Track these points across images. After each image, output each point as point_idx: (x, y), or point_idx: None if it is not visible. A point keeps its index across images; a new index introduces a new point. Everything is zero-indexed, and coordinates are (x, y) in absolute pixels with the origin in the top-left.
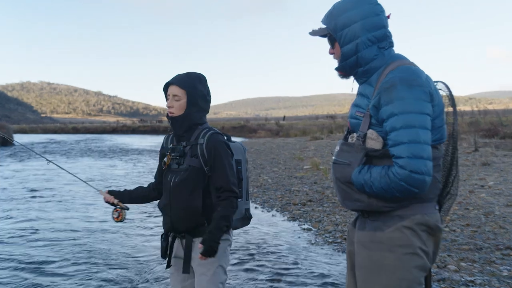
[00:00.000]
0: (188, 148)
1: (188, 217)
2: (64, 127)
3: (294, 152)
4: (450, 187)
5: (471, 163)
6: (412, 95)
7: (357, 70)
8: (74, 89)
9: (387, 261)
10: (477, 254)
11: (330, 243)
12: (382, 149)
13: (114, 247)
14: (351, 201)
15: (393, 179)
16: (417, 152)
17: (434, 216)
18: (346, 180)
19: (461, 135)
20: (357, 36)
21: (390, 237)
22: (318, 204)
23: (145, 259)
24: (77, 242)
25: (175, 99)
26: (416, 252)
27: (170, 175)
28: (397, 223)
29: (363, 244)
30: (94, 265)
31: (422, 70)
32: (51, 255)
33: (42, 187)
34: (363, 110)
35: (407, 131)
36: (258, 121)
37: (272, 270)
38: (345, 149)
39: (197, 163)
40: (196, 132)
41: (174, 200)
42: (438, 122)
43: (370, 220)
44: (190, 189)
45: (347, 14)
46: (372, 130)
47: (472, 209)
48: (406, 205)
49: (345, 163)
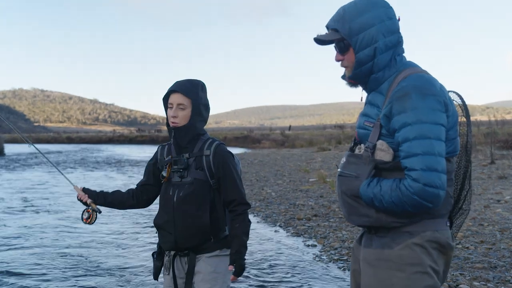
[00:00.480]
0: (192, 160)
1: (195, 234)
2: (57, 137)
3: (299, 164)
4: (462, 203)
5: (487, 176)
6: (426, 105)
7: (369, 78)
8: (68, 96)
9: (395, 280)
10: (491, 272)
11: (335, 261)
12: (392, 161)
13: (100, 258)
14: (357, 216)
15: (406, 193)
16: (431, 164)
17: (446, 233)
18: (353, 193)
19: (476, 147)
20: (375, 41)
21: (399, 255)
22: (324, 219)
23: (135, 271)
24: (66, 251)
25: (180, 108)
26: (427, 271)
27: (172, 189)
28: (406, 240)
29: (370, 262)
30: (81, 275)
31: (436, 78)
32: (38, 262)
33: (35, 197)
34: (373, 120)
35: (421, 142)
36: (262, 131)
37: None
38: (352, 161)
39: (202, 175)
40: (200, 143)
41: (178, 216)
42: (452, 134)
43: (377, 236)
44: (197, 204)
45: (363, 17)
46: (382, 141)
47: (487, 225)
48: (417, 221)
49: (352, 176)
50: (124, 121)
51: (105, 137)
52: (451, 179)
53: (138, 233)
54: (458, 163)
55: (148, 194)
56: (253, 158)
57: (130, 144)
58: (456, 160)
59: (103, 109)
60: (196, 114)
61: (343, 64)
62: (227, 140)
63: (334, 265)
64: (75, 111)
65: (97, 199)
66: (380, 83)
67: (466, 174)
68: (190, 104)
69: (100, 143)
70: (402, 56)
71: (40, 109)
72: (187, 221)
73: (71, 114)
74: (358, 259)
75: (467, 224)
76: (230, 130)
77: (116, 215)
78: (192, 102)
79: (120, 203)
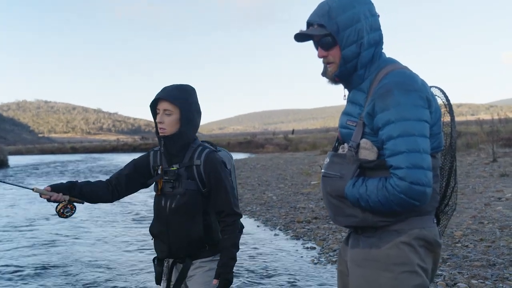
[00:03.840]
0: (182, 170)
1: (189, 243)
2: (62, 147)
3: (302, 167)
4: (448, 199)
5: (488, 174)
6: (409, 101)
7: (353, 75)
8: (72, 107)
9: (383, 280)
10: (489, 270)
11: (334, 262)
12: (376, 160)
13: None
14: (343, 216)
15: (392, 192)
16: (417, 162)
17: (433, 230)
18: (338, 194)
19: (479, 145)
20: (361, 37)
21: (387, 254)
22: (323, 221)
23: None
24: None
25: (166, 114)
26: (415, 270)
27: (164, 199)
28: (394, 239)
29: (357, 263)
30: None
31: (417, 74)
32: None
33: (36, 208)
34: (355, 118)
35: (405, 139)
36: (266, 136)
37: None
38: (336, 161)
39: (194, 186)
40: (190, 151)
41: (172, 227)
42: (435, 129)
43: (364, 236)
44: (189, 215)
45: (348, 12)
46: (366, 140)
47: (487, 223)
48: (403, 219)
49: (336, 176)
50: (128, 130)
51: (109, 146)
52: (437, 175)
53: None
54: (444, 160)
55: (127, 189)
56: (256, 162)
57: (134, 152)
58: (441, 157)
59: (107, 118)
60: (187, 121)
61: (327, 60)
62: (230, 146)
63: (332, 266)
64: (79, 121)
65: (72, 192)
66: (362, 80)
67: (451, 170)
68: (177, 111)
69: (105, 152)
70: (382, 53)
71: (44, 120)
72: (181, 232)
73: (75, 124)
74: (345, 260)
75: (467, 222)
76: (234, 135)
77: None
78: (180, 109)
79: (97, 197)
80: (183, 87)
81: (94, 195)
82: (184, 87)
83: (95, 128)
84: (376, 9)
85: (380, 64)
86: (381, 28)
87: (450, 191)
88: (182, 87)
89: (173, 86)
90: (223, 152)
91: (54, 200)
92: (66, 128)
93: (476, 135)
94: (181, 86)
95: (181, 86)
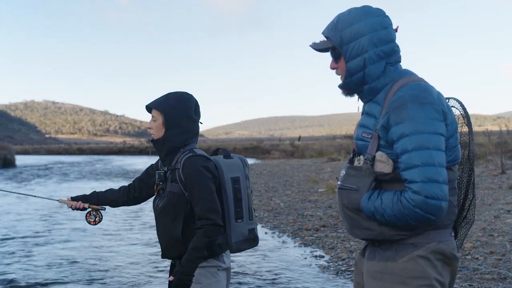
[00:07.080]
0: (169, 173)
1: (172, 245)
2: (68, 148)
3: (309, 174)
4: (466, 212)
5: (497, 186)
6: (424, 114)
7: (363, 88)
8: (79, 108)
9: None
10: (500, 284)
11: (343, 272)
12: (392, 173)
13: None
14: (360, 229)
15: (407, 206)
16: (431, 175)
17: (450, 243)
18: (354, 207)
19: (487, 157)
20: (365, 51)
21: (404, 268)
22: (332, 229)
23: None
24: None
25: (152, 119)
26: (432, 284)
27: (157, 200)
28: (410, 252)
29: (373, 275)
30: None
31: (433, 86)
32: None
33: (44, 208)
34: (371, 130)
35: (420, 153)
36: (272, 142)
37: None
38: (352, 174)
39: (177, 188)
40: (178, 156)
41: (159, 227)
42: (452, 142)
43: (381, 249)
44: (171, 217)
45: (354, 26)
46: (382, 152)
47: (497, 236)
48: (420, 232)
49: (352, 189)
50: (134, 132)
51: (116, 148)
52: (454, 188)
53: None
54: (461, 172)
55: (140, 191)
56: (262, 168)
57: (140, 155)
58: (459, 169)
59: (113, 120)
60: (172, 127)
61: (337, 73)
62: (236, 151)
63: (342, 276)
64: (86, 122)
65: (90, 201)
66: (376, 93)
67: (469, 183)
68: (161, 117)
69: (111, 154)
70: (398, 65)
71: (52, 120)
72: (164, 233)
73: (82, 126)
74: (361, 271)
75: (477, 234)
76: (240, 140)
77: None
78: (164, 115)
79: (112, 202)
80: (171, 94)
81: (109, 200)
82: (172, 94)
83: (101, 130)
84: (391, 21)
85: (395, 76)
86: (395, 40)
87: (468, 204)
88: (171, 94)
89: (164, 94)
90: (235, 159)
91: (75, 207)
92: (73, 129)
93: (484, 147)
94: (170, 93)
95: (170, 94)
